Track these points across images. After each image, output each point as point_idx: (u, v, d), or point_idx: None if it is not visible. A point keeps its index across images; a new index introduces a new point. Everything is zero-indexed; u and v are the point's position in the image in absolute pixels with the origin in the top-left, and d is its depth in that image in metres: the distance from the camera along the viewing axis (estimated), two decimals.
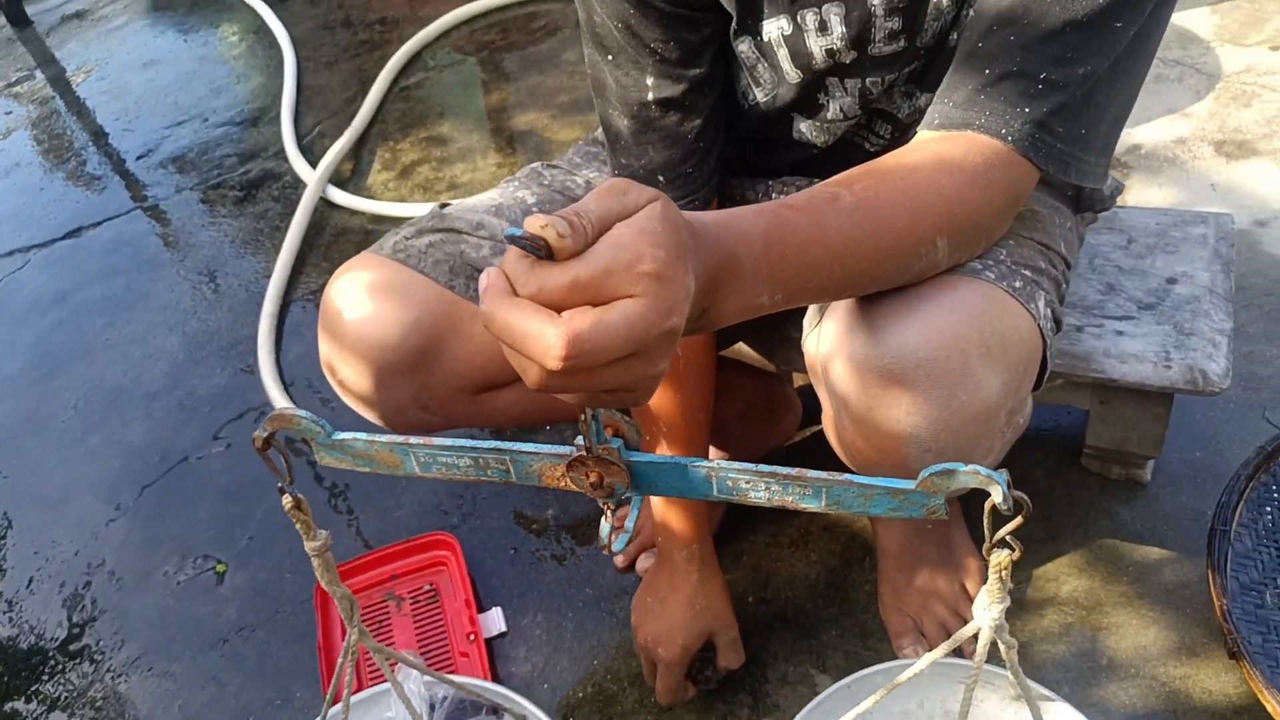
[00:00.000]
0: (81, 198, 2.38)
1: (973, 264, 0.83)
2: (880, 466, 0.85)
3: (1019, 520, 0.58)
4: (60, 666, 1.36)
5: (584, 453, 0.62)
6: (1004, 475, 0.56)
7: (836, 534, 1.29)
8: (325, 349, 1.00)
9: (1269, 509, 1.09)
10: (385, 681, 1.12)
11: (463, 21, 2.66)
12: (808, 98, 0.94)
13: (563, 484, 0.64)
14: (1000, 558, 0.63)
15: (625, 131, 0.93)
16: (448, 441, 0.66)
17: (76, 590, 1.45)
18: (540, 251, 0.52)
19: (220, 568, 1.43)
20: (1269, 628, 1.01)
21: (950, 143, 0.76)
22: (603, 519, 0.67)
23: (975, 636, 0.69)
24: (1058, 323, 0.92)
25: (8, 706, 1.33)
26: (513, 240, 0.51)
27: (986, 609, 0.69)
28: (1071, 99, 0.76)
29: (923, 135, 0.79)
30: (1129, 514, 1.23)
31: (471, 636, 1.25)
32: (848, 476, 0.59)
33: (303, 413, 0.66)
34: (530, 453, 0.64)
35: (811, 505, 0.61)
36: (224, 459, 1.59)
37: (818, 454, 1.32)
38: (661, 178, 0.94)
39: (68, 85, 2.94)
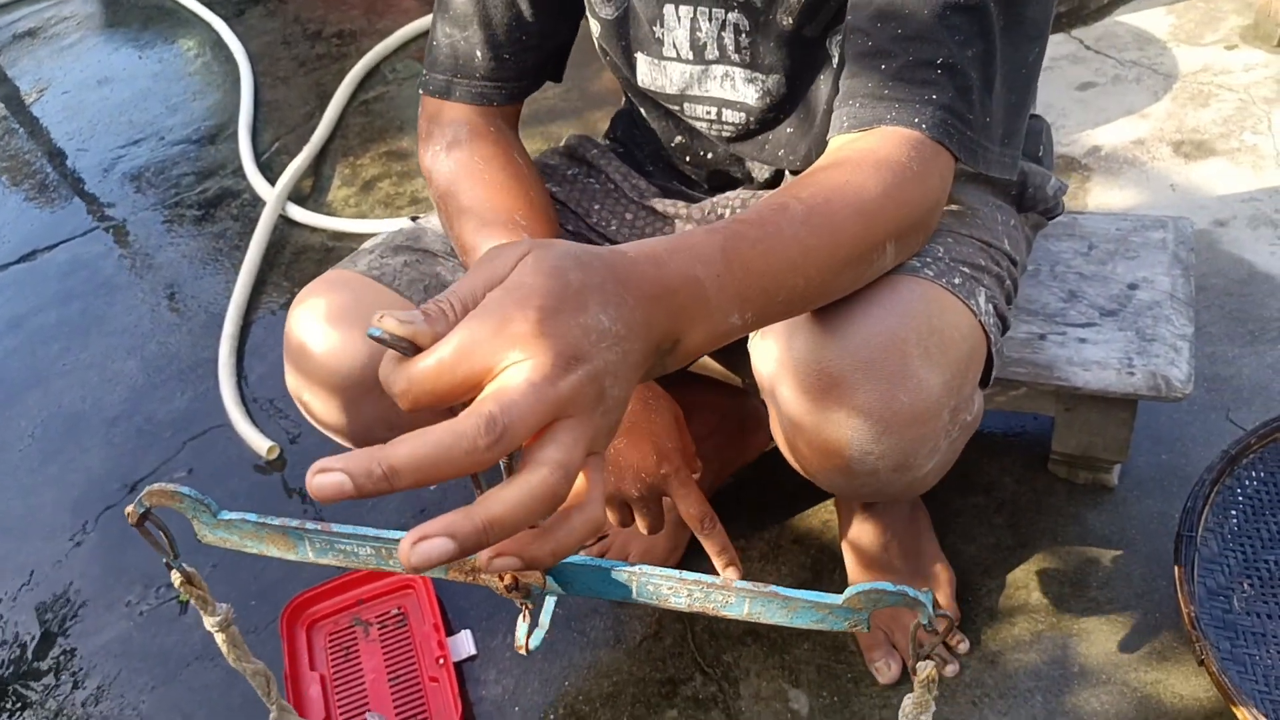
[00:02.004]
0: (36, 220, 2.34)
1: (910, 262, 0.83)
2: (826, 470, 0.86)
3: (943, 634, 0.57)
4: (24, 699, 1.33)
5: None
6: (929, 595, 0.55)
7: (806, 546, 1.29)
8: (290, 372, 0.98)
9: (1234, 513, 1.09)
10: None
11: (421, 33, 2.64)
12: (646, 27, 0.96)
13: (472, 579, 0.60)
14: (927, 670, 0.61)
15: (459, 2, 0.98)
16: (348, 529, 0.62)
17: (39, 621, 1.42)
18: (409, 352, 0.49)
19: (184, 596, 1.40)
20: (1237, 633, 1.01)
21: (875, 139, 0.76)
22: (519, 619, 0.64)
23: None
24: (1003, 319, 0.92)
25: None
26: (378, 340, 0.48)
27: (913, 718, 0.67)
28: (968, 82, 0.76)
29: (840, 139, 0.79)
30: (1097, 519, 1.24)
31: (441, 660, 1.23)
32: (773, 589, 0.58)
33: (186, 490, 0.61)
34: None
35: (732, 614, 0.59)
36: (185, 484, 1.56)
37: (785, 471, 1.32)
38: (479, 54, 0.98)
39: (21, 104, 2.90)
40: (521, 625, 0.64)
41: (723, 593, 0.58)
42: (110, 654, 1.36)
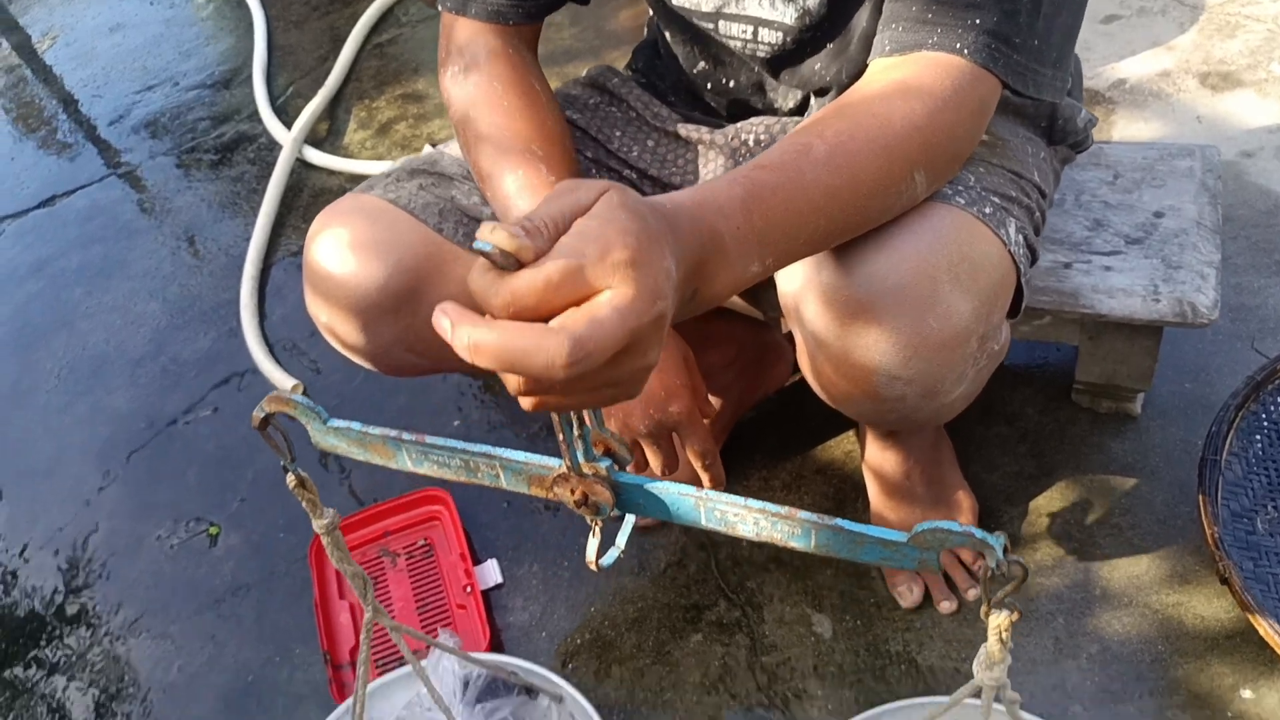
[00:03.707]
0: (53, 166, 2.34)
1: (942, 190, 0.83)
2: (852, 397, 0.87)
3: (1017, 582, 0.57)
4: (58, 632, 1.36)
5: (568, 471, 0.62)
6: (1001, 539, 0.55)
7: (829, 476, 1.29)
8: (310, 296, 0.99)
9: (1259, 437, 1.10)
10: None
11: None
12: None
13: (551, 495, 0.64)
14: (1000, 619, 0.61)
15: None
16: (440, 441, 0.66)
17: (71, 557, 1.45)
18: (511, 265, 0.50)
19: (213, 530, 1.42)
20: (1260, 553, 1.02)
21: (911, 66, 0.75)
22: (590, 535, 0.66)
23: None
24: (1032, 251, 0.92)
25: (6, 673, 1.33)
26: (483, 254, 0.50)
27: (988, 669, 0.67)
28: (1016, 6, 0.75)
29: (879, 63, 0.78)
30: (1119, 447, 1.24)
31: (468, 589, 1.25)
32: (838, 522, 0.58)
33: (300, 397, 0.66)
34: (520, 462, 0.65)
35: (799, 545, 0.60)
36: (211, 423, 1.58)
37: (807, 402, 1.32)
38: None
39: (33, 52, 2.89)
40: (592, 542, 0.67)
41: (789, 523, 0.59)
42: (142, 586, 1.38)
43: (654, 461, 1.00)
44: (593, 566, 0.67)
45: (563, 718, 1.05)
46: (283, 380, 1.57)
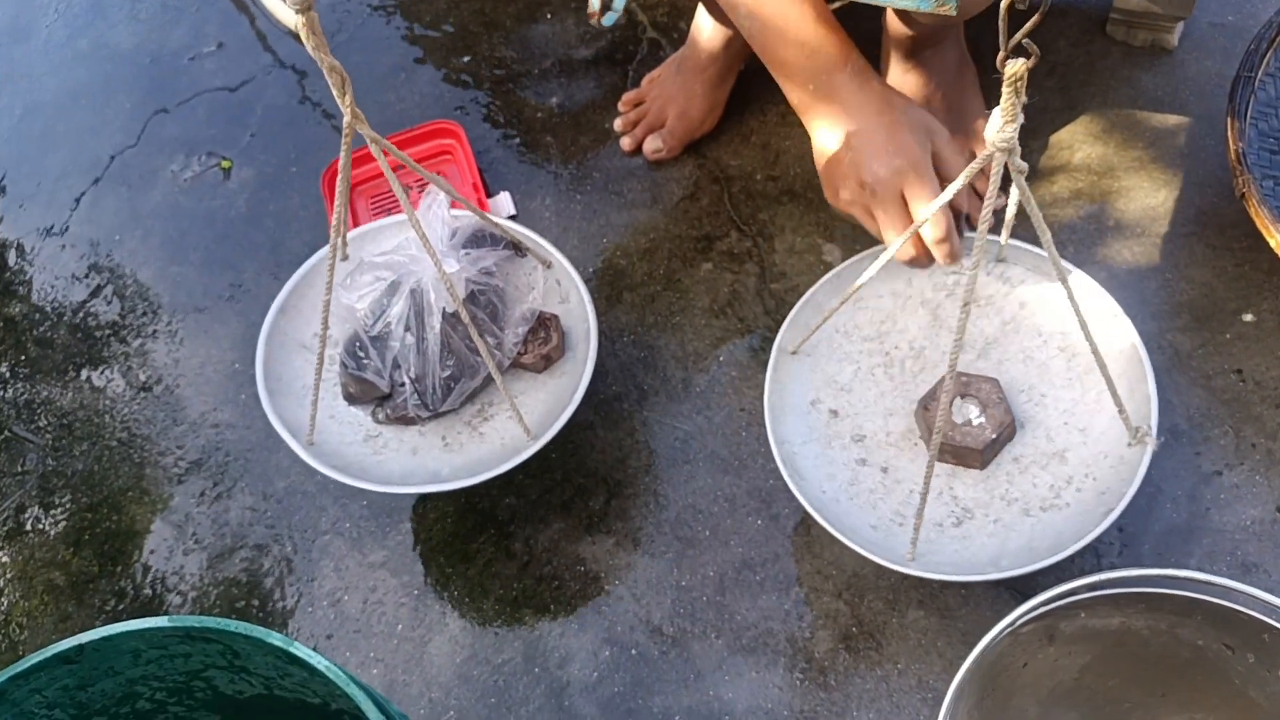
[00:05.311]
0: None
1: None
2: None
3: (1036, 19, 0.55)
4: (78, 259, 1.38)
5: None
6: None
7: None
8: None
9: None
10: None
11: None
12: None
13: None
14: (1015, 67, 0.59)
15: None
16: None
17: (86, 190, 1.45)
18: None
19: (225, 164, 1.42)
20: None
21: None
22: None
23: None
24: None
25: (25, 291, 1.37)
26: None
27: (999, 129, 0.66)
28: None
29: None
30: (1151, 80, 1.20)
31: None
32: None
33: None
34: None
35: None
36: (217, 59, 1.53)
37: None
38: None
39: None
40: None
41: None
42: (160, 218, 1.39)
43: (883, 228, 0.90)
44: (593, 20, 0.66)
45: (549, 281, 1.04)
46: (287, 14, 1.51)
